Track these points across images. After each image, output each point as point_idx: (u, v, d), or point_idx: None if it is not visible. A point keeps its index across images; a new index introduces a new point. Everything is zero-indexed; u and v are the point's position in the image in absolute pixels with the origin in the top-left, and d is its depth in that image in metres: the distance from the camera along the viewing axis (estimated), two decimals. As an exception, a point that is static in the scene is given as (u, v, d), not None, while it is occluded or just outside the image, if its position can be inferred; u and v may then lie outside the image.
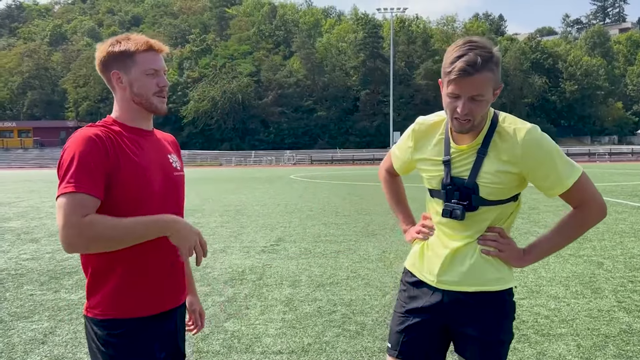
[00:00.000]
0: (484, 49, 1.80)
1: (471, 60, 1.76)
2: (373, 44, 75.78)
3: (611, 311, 4.89)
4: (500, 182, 1.92)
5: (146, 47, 1.86)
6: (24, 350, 4.13)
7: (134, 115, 1.91)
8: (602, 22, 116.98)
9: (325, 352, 4.05)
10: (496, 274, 2.02)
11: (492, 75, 1.81)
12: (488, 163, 1.92)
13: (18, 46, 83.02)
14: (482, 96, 1.81)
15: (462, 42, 1.83)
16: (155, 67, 1.88)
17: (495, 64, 1.82)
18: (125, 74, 1.86)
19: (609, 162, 49.42)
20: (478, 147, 1.94)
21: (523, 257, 2.06)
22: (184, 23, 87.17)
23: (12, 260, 7.43)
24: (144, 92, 1.87)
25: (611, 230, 9.22)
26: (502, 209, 2.00)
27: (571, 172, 1.90)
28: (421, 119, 2.16)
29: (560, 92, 75.58)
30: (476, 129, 1.92)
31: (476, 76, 1.78)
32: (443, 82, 1.88)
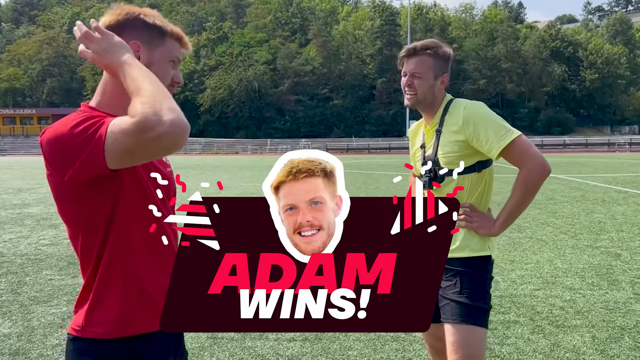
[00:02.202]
0: (432, 42, 2.38)
1: (413, 46, 2.39)
2: (390, 32, 75.14)
3: (627, 303, 4.85)
4: (453, 151, 2.32)
5: (179, 35, 1.67)
6: (43, 333, 4.22)
7: (125, 103, 1.42)
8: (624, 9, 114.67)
9: (339, 339, 4.08)
10: (463, 242, 2.34)
11: (432, 60, 2.36)
12: (443, 137, 2.37)
13: (37, 34, 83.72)
14: (420, 74, 2.36)
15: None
16: (179, 57, 1.69)
17: (435, 53, 2.36)
18: (147, 50, 1.59)
19: (629, 152, 48.65)
20: (436, 127, 2.41)
21: (493, 226, 2.33)
22: (201, 11, 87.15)
23: (31, 246, 7.56)
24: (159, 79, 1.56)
25: (630, 221, 9.10)
26: (465, 179, 2.32)
27: (508, 134, 2.24)
28: (413, 122, 2.79)
29: (580, 81, 74.38)
30: (428, 109, 2.43)
31: (415, 57, 2.37)
32: None
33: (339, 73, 73.89)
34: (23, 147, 60.72)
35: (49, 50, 78.30)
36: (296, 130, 70.44)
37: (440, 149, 2.36)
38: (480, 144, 2.27)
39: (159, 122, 1.32)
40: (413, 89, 2.37)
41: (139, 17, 1.61)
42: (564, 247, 7.15)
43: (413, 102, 2.41)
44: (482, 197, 2.39)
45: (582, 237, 7.75)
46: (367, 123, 72.10)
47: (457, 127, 2.31)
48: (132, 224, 1.56)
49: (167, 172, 1.73)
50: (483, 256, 2.35)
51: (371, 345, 3.98)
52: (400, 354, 3.86)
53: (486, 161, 2.37)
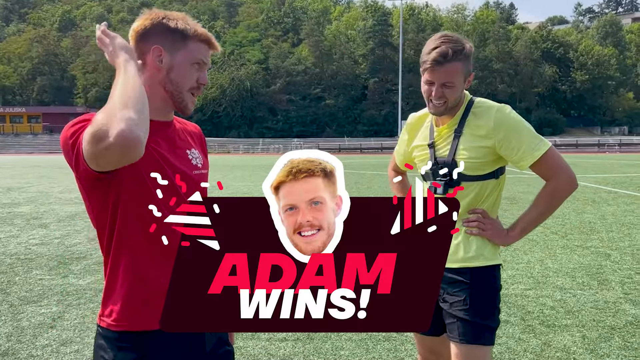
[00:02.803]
0: (456, 42, 2.09)
1: (443, 51, 2.06)
2: (382, 32, 75.26)
3: (617, 303, 4.89)
4: (477, 157, 2.15)
5: (205, 37, 1.66)
6: (33, 334, 4.19)
7: (154, 103, 1.61)
8: (614, 11, 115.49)
9: (331, 339, 4.08)
10: (477, 251, 2.19)
11: (462, 65, 2.10)
12: (464, 140, 2.18)
13: (28, 32, 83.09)
14: (452, 83, 2.10)
15: (438, 35, 2.13)
16: (205, 60, 1.68)
17: (465, 56, 2.10)
18: (169, 54, 1.62)
19: (619, 153, 49.03)
20: (455, 128, 2.21)
21: (507, 235, 2.21)
22: (193, 10, 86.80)
23: (21, 245, 7.50)
24: (181, 83, 1.65)
25: (619, 221, 9.17)
26: (482, 185, 2.19)
27: (540, 145, 2.11)
28: (413, 114, 2.48)
29: (571, 82, 74.86)
30: (451, 112, 2.20)
31: (446, 65, 2.07)
32: (421, 71, 2.18)
33: (331, 73, 73.92)
34: (13, 145, 60.29)
35: (39, 49, 77.75)
36: (288, 130, 70.43)
37: (460, 152, 2.18)
38: (510, 153, 2.13)
39: (107, 134, 1.32)
40: (443, 99, 2.13)
41: (162, 21, 1.63)
42: (555, 247, 7.19)
43: (441, 111, 2.18)
44: (495, 204, 2.28)
45: (572, 237, 7.80)
46: (359, 123, 72.19)
47: (484, 132, 2.14)
48: (133, 224, 1.58)
49: (191, 173, 1.70)
50: (494, 265, 2.23)
51: (363, 345, 3.99)
52: (392, 354, 3.87)
53: (503, 166, 2.26)
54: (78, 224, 9.26)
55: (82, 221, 9.52)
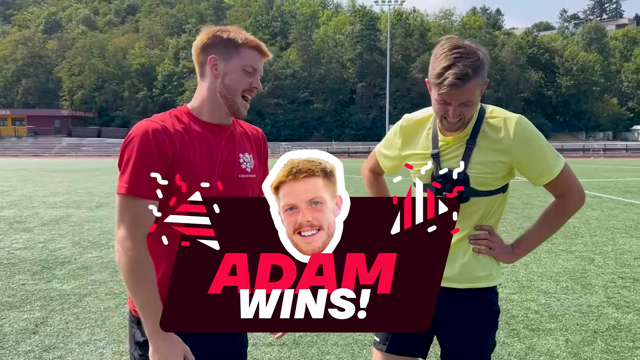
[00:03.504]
0: (472, 56, 1.84)
1: (462, 72, 1.80)
2: (370, 37, 75.47)
3: (600, 307, 4.94)
4: (491, 172, 1.97)
5: (254, 44, 1.81)
6: (15, 339, 4.14)
7: (212, 108, 1.82)
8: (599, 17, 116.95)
9: (317, 344, 4.08)
10: (485, 271, 2.05)
11: (480, 80, 1.87)
12: (478, 153, 1.97)
13: (12, 33, 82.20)
14: (471, 101, 1.88)
15: (449, 47, 1.85)
16: (255, 66, 1.81)
17: (483, 69, 1.87)
18: (223, 62, 1.78)
19: (604, 158, 49.58)
20: (467, 139, 1.99)
21: (512, 252, 2.10)
22: (181, 12, 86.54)
23: (4, 250, 7.41)
24: (234, 87, 1.79)
25: (603, 226, 9.27)
26: (491, 200, 2.03)
27: (558, 161, 1.99)
28: (408, 116, 2.21)
29: (556, 87, 75.57)
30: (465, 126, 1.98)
31: (466, 86, 1.83)
32: (432, 86, 1.92)
33: (319, 77, 73.99)
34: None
35: (24, 50, 76.95)
36: (276, 134, 70.28)
37: (472, 166, 1.97)
38: (527, 169, 1.99)
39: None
40: (460, 116, 1.90)
41: (216, 34, 1.80)
42: (540, 251, 7.25)
43: (457, 128, 1.96)
44: (499, 219, 2.15)
45: (557, 242, 7.87)
46: (347, 127, 72.26)
47: (503, 146, 1.95)
48: None
49: (236, 176, 1.83)
50: (496, 285, 2.12)
51: (349, 350, 3.99)
52: (378, 358, 3.87)
53: None
54: (63, 228, 9.17)
55: (67, 225, 9.43)
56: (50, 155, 54.69)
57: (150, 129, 1.68)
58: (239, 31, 1.82)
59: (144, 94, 71.45)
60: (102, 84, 72.46)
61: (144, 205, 1.60)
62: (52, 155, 54.79)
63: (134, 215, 1.64)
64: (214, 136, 1.81)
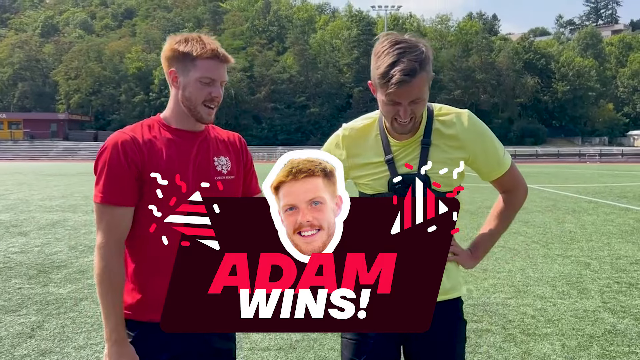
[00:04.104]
0: (416, 50, 1.73)
1: (408, 68, 1.69)
2: (367, 41, 75.58)
3: (596, 312, 4.95)
4: (450, 171, 1.81)
5: (210, 54, 1.82)
6: (12, 344, 4.13)
7: (179, 116, 1.91)
8: (594, 23, 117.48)
9: (313, 349, 4.08)
10: (452, 281, 1.95)
11: (427, 74, 1.76)
12: (435, 152, 1.89)
13: (9, 37, 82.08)
14: (421, 98, 1.78)
15: (389, 43, 1.74)
16: (212, 77, 1.84)
17: (428, 63, 1.76)
18: (181, 75, 1.85)
19: (599, 163, 49.74)
20: (420, 139, 1.90)
21: (472, 256, 2.02)
22: (178, 17, 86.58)
23: (0, 254, 7.39)
24: (193, 99, 1.85)
25: (599, 231, 9.30)
26: None
27: (506, 155, 1.97)
28: (348, 125, 2.06)
29: (552, 93, 75.80)
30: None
31: (414, 82, 1.72)
32: (376, 87, 1.80)
33: (316, 81, 74.09)
34: (-7, 152, 59.35)
35: (21, 54, 76.79)
36: (273, 138, 70.35)
37: (432, 166, 1.83)
38: (481, 164, 1.94)
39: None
40: (411, 115, 1.80)
41: (174, 47, 1.84)
42: (536, 256, 7.27)
43: (409, 129, 1.85)
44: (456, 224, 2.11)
45: (553, 247, 7.89)
46: (344, 131, 72.39)
47: (458, 143, 1.89)
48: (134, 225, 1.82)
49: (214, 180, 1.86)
50: (461, 295, 2.02)
51: (345, 354, 3.99)
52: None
53: None
54: (59, 232, 9.15)
55: (63, 229, 9.41)
56: (46, 159, 54.54)
57: (120, 141, 1.78)
58: (198, 40, 1.84)
59: (140, 98, 71.35)
60: (99, 88, 72.29)
61: (118, 212, 1.76)
62: (49, 159, 54.65)
63: (109, 222, 1.76)
64: (184, 141, 1.89)
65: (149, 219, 1.58)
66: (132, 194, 1.77)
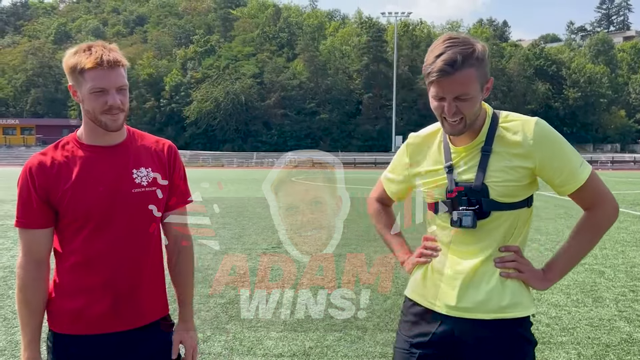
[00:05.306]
0: (465, 45, 1.71)
1: (450, 58, 1.67)
2: (377, 48, 75.80)
3: (612, 320, 4.90)
4: (512, 180, 1.78)
5: (93, 64, 1.75)
6: None
7: (89, 130, 1.89)
8: (606, 29, 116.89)
9: (327, 356, 4.06)
10: (513, 299, 1.82)
11: (475, 70, 1.71)
12: (495, 160, 1.80)
13: (22, 44, 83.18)
14: (467, 94, 1.72)
15: (443, 39, 1.74)
16: (102, 86, 1.78)
17: (477, 59, 1.71)
18: (78, 89, 1.83)
19: (611, 170, 49.33)
20: (481, 146, 1.82)
21: (544, 277, 1.88)
22: (189, 23, 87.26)
23: (14, 258, 7.44)
24: (92, 110, 1.82)
25: (613, 239, 9.21)
26: (515, 216, 1.84)
27: (584, 167, 1.80)
28: (414, 133, 2.07)
29: (564, 99, 75.50)
30: (470, 128, 1.81)
31: (457, 75, 1.68)
32: (427, 84, 1.79)
33: (326, 88, 74.23)
34: (5, 157, 60.02)
35: (34, 61, 77.75)
36: (282, 144, 70.46)
37: (490, 175, 1.79)
38: (551, 176, 1.80)
39: None
40: (459, 115, 1.74)
41: (65, 61, 1.81)
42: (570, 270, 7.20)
43: (460, 129, 1.78)
44: (526, 238, 1.94)
45: (566, 254, 7.81)
46: (354, 138, 72.40)
47: (523, 150, 1.77)
48: None
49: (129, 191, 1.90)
50: (528, 316, 1.87)
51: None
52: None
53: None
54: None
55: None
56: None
57: (28, 167, 1.85)
58: (85, 50, 1.79)
59: (151, 104, 71.88)
60: (111, 94, 72.98)
61: (33, 234, 1.84)
62: (60, 165, 55.03)
63: (25, 244, 1.86)
64: (98, 157, 1.88)
65: None
66: (44, 217, 1.83)
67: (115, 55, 1.80)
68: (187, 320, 2.08)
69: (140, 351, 1.92)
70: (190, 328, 2.07)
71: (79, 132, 1.93)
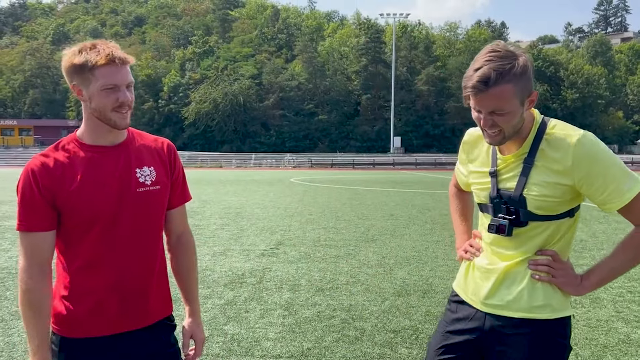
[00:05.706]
0: (504, 60, 1.67)
1: (484, 75, 1.66)
2: (375, 49, 75.84)
3: (610, 321, 4.91)
4: (551, 195, 1.77)
5: (106, 60, 1.75)
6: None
7: (95, 129, 1.86)
8: (604, 31, 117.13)
9: (325, 357, 4.07)
10: (543, 300, 1.84)
11: (513, 86, 1.68)
12: (536, 173, 1.79)
13: (21, 44, 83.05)
14: (502, 110, 1.70)
15: (486, 50, 1.72)
16: (114, 82, 1.78)
17: (516, 75, 1.67)
18: (84, 88, 1.80)
19: (609, 171, 49.41)
20: (524, 157, 1.81)
21: (581, 284, 1.86)
22: (187, 24, 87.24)
23: (12, 259, 7.43)
24: (101, 108, 1.80)
25: (610, 240, 9.23)
26: (556, 225, 1.84)
27: (631, 184, 1.73)
28: (470, 130, 2.08)
29: (562, 100, 75.59)
30: (516, 137, 1.81)
31: (490, 91, 1.67)
32: None
33: (324, 89, 74.25)
34: (3, 158, 59.92)
35: (32, 61, 77.63)
36: (281, 145, 70.50)
37: (530, 187, 1.79)
38: (593, 193, 1.76)
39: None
40: (496, 127, 1.74)
41: (69, 60, 1.79)
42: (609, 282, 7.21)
43: (499, 140, 1.79)
44: (568, 244, 1.93)
45: (564, 255, 7.83)
46: (352, 139, 72.42)
47: (562, 167, 1.74)
48: None
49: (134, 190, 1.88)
50: (564, 317, 1.87)
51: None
52: (386, 371, 3.85)
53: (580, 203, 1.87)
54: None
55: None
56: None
57: (30, 169, 1.80)
58: (92, 49, 1.78)
59: (149, 105, 71.81)
60: (109, 95, 72.96)
61: (36, 237, 1.79)
62: (58, 166, 54.96)
63: (28, 247, 1.80)
64: (101, 157, 1.86)
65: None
66: (48, 219, 1.79)
67: (123, 52, 1.81)
68: (196, 315, 2.12)
69: (145, 350, 1.92)
70: (199, 322, 2.12)
71: (78, 133, 1.90)
